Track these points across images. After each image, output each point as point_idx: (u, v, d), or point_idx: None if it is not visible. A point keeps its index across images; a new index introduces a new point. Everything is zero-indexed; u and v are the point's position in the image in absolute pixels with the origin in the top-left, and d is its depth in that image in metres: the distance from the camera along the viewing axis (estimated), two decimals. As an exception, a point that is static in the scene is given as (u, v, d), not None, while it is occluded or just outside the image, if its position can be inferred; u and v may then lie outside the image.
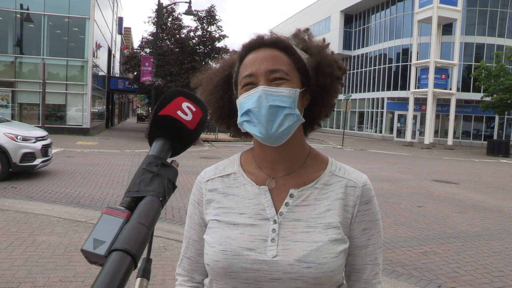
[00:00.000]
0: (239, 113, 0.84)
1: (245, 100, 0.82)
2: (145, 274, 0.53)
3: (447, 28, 27.70)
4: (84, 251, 0.48)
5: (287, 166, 0.88)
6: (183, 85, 18.73)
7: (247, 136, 0.94)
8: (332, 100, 0.90)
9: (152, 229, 0.51)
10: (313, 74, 0.86)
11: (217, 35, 21.88)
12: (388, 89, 31.45)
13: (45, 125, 15.31)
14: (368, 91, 34.12)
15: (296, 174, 0.88)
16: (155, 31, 21.04)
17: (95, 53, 21.68)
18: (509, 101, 21.57)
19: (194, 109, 0.64)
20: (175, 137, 0.62)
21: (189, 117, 0.62)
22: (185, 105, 0.63)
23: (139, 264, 0.49)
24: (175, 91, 0.64)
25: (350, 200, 0.86)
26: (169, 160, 0.61)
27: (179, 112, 0.62)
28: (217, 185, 0.91)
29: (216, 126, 0.98)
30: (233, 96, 0.90)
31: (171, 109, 0.62)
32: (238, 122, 0.85)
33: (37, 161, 7.96)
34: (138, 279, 0.52)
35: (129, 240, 0.47)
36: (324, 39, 0.93)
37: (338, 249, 0.81)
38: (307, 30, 0.92)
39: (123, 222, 0.50)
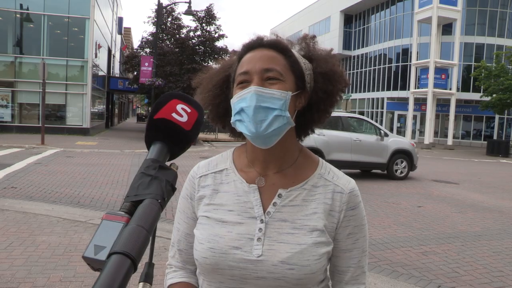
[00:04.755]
0: (232, 113, 0.86)
1: (238, 100, 0.84)
2: (148, 278, 0.53)
3: (447, 28, 27.71)
4: (86, 258, 0.47)
5: (278, 164, 0.91)
6: (184, 86, 18.71)
7: (242, 136, 0.96)
8: (331, 108, 0.93)
9: (152, 232, 0.50)
10: (319, 79, 0.89)
11: (216, 35, 21.87)
12: (388, 89, 31.46)
13: (45, 125, 15.31)
14: (368, 91, 34.11)
15: (286, 173, 0.91)
16: (154, 31, 21.03)
17: (95, 53, 21.68)
18: (508, 101, 21.56)
19: (189, 110, 0.64)
20: (172, 139, 0.62)
21: (184, 119, 0.62)
22: (179, 107, 0.63)
23: (141, 269, 0.48)
24: (169, 94, 0.65)
25: (337, 206, 0.89)
26: (168, 163, 0.61)
27: (174, 115, 0.62)
28: (209, 181, 0.94)
29: (213, 124, 1.00)
30: (230, 96, 0.91)
31: (166, 112, 0.62)
32: (231, 121, 0.87)
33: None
34: (141, 283, 0.52)
35: (128, 243, 0.46)
36: (331, 49, 0.96)
37: (321, 251, 0.85)
38: (314, 37, 0.96)
39: (123, 227, 0.49)
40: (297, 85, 0.86)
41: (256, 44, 0.88)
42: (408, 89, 28.07)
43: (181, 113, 0.63)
